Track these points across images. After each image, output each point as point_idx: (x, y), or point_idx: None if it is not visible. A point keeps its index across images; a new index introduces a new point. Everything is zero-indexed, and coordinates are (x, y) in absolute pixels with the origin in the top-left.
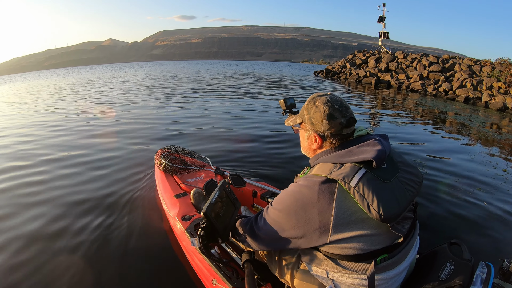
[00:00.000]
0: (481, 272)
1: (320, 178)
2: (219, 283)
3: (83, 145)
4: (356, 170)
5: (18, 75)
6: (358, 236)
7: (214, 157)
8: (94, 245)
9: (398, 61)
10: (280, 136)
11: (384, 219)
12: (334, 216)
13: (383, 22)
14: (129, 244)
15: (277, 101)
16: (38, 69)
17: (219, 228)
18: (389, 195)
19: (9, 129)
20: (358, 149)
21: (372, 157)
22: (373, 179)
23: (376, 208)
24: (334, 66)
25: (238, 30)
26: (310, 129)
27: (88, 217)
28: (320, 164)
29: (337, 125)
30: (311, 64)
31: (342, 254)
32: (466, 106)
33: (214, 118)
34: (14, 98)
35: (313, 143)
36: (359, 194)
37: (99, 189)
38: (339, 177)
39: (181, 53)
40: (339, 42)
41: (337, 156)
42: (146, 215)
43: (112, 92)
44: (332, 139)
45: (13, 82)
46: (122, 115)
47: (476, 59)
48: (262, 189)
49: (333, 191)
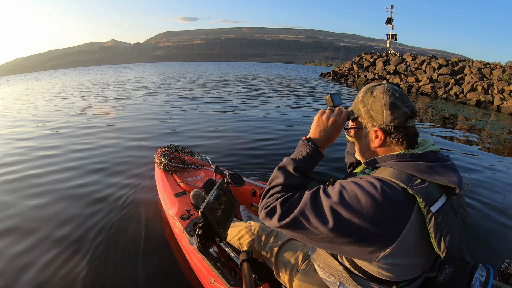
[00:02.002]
0: (480, 275)
1: (398, 187)
2: (217, 282)
3: (83, 143)
4: (439, 194)
5: (21, 75)
6: (404, 265)
7: (214, 156)
8: (92, 243)
9: (407, 64)
10: (282, 136)
11: (445, 256)
12: (401, 238)
13: (391, 24)
14: (128, 242)
15: (279, 101)
16: (41, 69)
17: (216, 228)
18: (456, 231)
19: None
20: (440, 169)
21: (456, 184)
22: (450, 210)
23: (446, 243)
24: (341, 68)
25: (240, 32)
26: (369, 124)
27: (86, 215)
28: (393, 169)
29: (401, 115)
30: (314, 65)
31: (372, 274)
32: (478, 110)
33: (216, 118)
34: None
35: (374, 140)
36: (436, 223)
37: (98, 188)
38: (421, 196)
39: (183, 55)
40: (341, 43)
41: (416, 167)
42: (145, 214)
43: (113, 93)
44: (397, 133)
45: (23, 82)
46: (122, 114)
47: (486, 62)
48: (261, 188)
49: (411, 209)
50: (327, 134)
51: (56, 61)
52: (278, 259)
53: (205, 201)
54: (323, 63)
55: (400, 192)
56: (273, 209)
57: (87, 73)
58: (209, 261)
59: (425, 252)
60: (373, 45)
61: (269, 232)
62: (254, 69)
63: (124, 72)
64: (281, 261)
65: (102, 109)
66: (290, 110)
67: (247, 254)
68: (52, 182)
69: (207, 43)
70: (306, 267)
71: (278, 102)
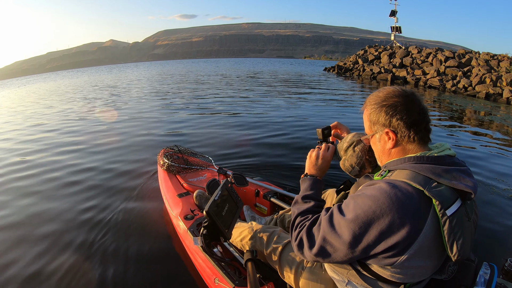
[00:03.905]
0: (484, 272)
1: (415, 189)
2: (221, 282)
3: (84, 146)
4: (455, 198)
5: (19, 79)
6: (416, 267)
7: (217, 157)
8: (96, 243)
9: (413, 56)
10: (283, 136)
11: (456, 260)
12: (417, 242)
13: (395, 16)
14: (132, 243)
15: (283, 100)
16: (40, 71)
17: (221, 227)
18: (468, 236)
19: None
20: (456, 174)
21: (472, 189)
22: (464, 214)
23: (458, 247)
24: (345, 62)
25: (239, 28)
26: (378, 127)
27: (90, 215)
28: (410, 171)
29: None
30: (313, 60)
31: (382, 276)
32: (488, 103)
33: (217, 119)
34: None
35: (387, 142)
36: (450, 226)
37: (101, 189)
38: (438, 199)
39: (182, 52)
40: (340, 37)
41: (433, 170)
42: (149, 214)
43: (113, 94)
44: (405, 130)
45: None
46: (124, 115)
47: (493, 53)
48: (264, 189)
49: (427, 212)
50: (320, 168)
51: (55, 63)
52: (282, 258)
53: (210, 201)
54: (322, 57)
55: (416, 195)
56: (301, 241)
57: (86, 75)
58: (214, 261)
59: (436, 254)
60: (372, 38)
61: (271, 232)
62: (255, 65)
63: (123, 72)
64: (285, 260)
65: (103, 111)
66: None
67: (251, 253)
68: (54, 183)
69: (206, 40)
70: (313, 264)
71: (287, 102)
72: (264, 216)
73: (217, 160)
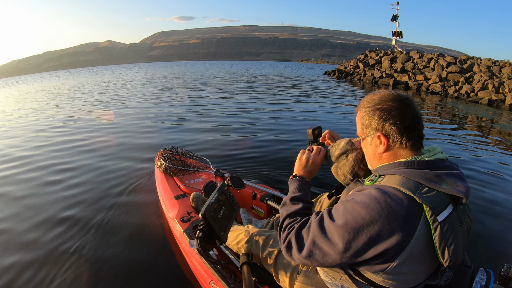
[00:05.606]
0: (480, 279)
1: (405, 195)
2: (217, 285)
3: (82, 147)
4: (446, 203)
5: (15, 78)
6: (409, 273)
7: (214, 159)
8: (92, 245)
9: (414, 61)
10: (283, 139)
11: (448, 265)
12: (408, 248)
13: (396, 21)
14: (128, 244)
15: (282, 103)
16: (37, 71)
17: (217, 230)
18: (461, 241)
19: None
20: (447, 178)
21: (464, 194)
22: (456, 219)
23: (450, 253)
24: (346, 66)
25: (236, 30)
26: (371, 130)
27: (86, 217)
28: (400, 176)
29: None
30: (310, 63)
31: (374, 281)
32: (491, 109)
33: (216, 121)
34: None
35: (378, 146)
36: (442, 232)
37: (98, 190)
38: (428, 205)
39: (179, 54)
40: (337, 41)
41: (423, 176)
42: (145, 216)
43: (112, 95)
44: (398, 136)
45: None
46: (121, 116)
47: (494, 59)
48: (261, 191)
49: (418, 218)
50: (309, 171)
51: (52, 62)
52: (278, 262)
53: (206, 204)
54: (319, 60)
55: (406, 202)
56: (289, 243)
57: (82, 75)
58: (209, 264)
59: (429, 260)
60: (369, 42)
61: (267, 236)
62: (253, 68)
63: (120, 73)
64: (281, 264)
65: (101, 112)
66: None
67: (247, 257)
68: (48, 184)
69: (203, 42)
70: (308, 269)
71: (289, 106)
72: (261, 219)
73: (215, 162)
